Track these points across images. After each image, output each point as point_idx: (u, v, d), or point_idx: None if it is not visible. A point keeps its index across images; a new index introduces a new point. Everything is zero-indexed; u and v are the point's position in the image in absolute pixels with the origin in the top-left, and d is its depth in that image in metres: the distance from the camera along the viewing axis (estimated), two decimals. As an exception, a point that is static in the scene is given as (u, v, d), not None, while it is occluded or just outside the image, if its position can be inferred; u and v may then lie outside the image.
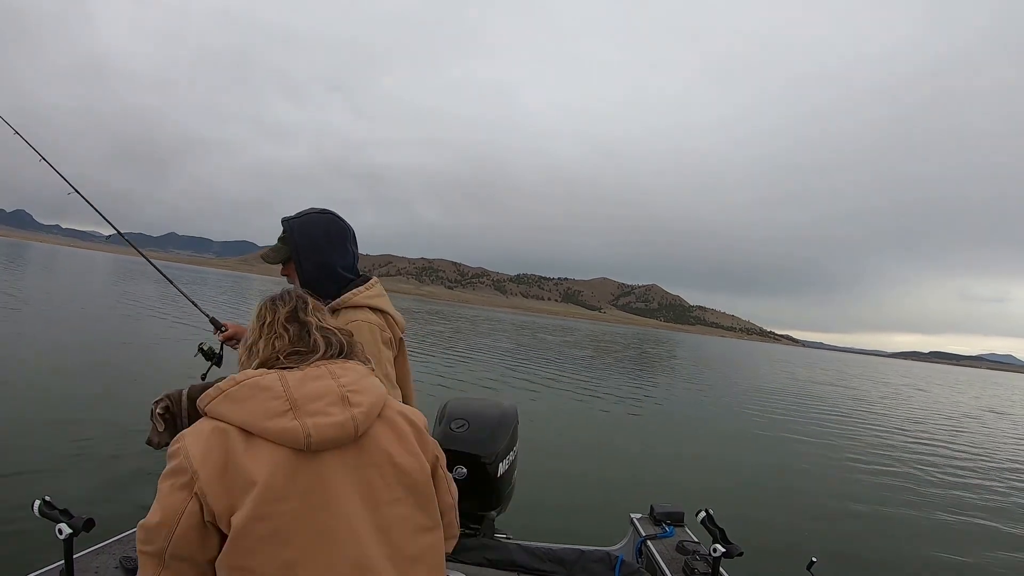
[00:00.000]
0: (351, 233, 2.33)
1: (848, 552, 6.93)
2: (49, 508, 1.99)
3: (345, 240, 2.30)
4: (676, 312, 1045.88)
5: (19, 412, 7.52)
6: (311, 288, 2.17)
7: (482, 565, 3.12)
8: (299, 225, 2.24)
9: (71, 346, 12.97)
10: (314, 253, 2.22)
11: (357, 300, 2.19)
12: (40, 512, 1.98)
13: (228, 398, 1.32)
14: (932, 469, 12.54)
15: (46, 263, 62.59)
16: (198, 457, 1.24)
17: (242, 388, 1.34)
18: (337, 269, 2.25)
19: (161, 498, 1.25)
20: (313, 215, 2.27)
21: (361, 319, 2.15)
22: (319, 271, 2.22)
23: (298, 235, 2.22)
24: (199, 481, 1.22)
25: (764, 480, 9.96)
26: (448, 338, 33.28)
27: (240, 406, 1.31)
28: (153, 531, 1.24)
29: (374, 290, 2.26)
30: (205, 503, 1.22)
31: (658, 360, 42.79)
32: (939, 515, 9.04)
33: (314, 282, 2.19)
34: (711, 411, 18.04)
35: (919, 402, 32.06)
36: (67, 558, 2.08)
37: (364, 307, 2.19)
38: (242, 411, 1.30)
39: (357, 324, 2.12)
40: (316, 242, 2.22)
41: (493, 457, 3.20)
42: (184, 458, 1.25)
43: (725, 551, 2.66)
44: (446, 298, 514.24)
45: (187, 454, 1.25)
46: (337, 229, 2.28)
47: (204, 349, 2.81)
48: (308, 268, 2.22)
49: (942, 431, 19.48)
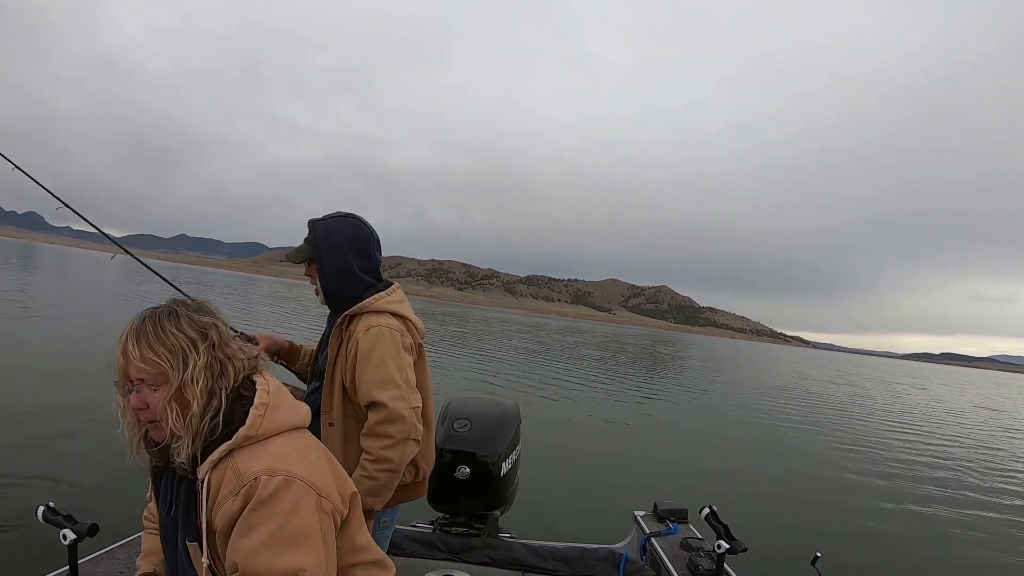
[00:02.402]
0: (375, 239, 2.32)
1: (852, 547, 6.95)
2: (53, 514, 1.98)
3: (368, 245, 2.29)
4: (686, 313, 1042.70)
5: (22, 416, 7.47)
6: (331, 290, 2.23)
7: (486, 564, 3.14)
8: (323, 228, 2.25)
9: (75, 348, 12.99)
10: (336, 256, 2.22)
11: (378, 305, 2.18)
12: (44, 518, 1.97)
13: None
14: (934, 467, 12.54)
15: (56, 264, 63.05)
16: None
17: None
18: (358, 273, 2.25)
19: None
20: (338, 219, 2.28)
21: (382, 324, 2.14)
22: (339, 274, 2.22)
23: (321, 238, 2.23)
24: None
25: (768, 476, 9.98)
26: (471, 339, 33.72)
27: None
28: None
29: (395, 295, 2.26)
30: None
31: (668, 361, 42.76)
32: (941, 510, 9.06)
33: (334, 285, 2.23)
34: (714, 409, 18.05)
35: (922, 402, 31.99)
36: (72, 564, 2.08)
37: (384, 312, 2.18)
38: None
39: (378, 329, 2.12)
40: (338, 245, 2.22)
41: (496, 456, 3.21)
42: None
43: (729, 547, 2.67)
44: (456, 299, 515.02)
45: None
46: (360, 234, 2.28)
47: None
48: (329, 271, 2.22)
49: (944, 430, 19.54)
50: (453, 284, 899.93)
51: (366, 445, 2.07)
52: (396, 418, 2.04)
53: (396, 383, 2.07)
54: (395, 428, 2.04)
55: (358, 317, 2.17)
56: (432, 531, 3.31)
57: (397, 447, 2.05)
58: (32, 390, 9.02)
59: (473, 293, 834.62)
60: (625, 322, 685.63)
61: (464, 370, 18.62)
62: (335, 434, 2.16)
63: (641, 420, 14.32)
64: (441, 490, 3.23)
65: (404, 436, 2.05)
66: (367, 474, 2.05)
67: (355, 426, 2.16)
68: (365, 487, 2.03)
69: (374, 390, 2.05)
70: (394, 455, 2.05)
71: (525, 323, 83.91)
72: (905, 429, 18.50)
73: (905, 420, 21.27)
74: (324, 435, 2.14)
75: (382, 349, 2.09)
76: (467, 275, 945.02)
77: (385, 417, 2.04)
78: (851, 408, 23.26)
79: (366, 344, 2.10)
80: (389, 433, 2.04)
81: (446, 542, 3.20)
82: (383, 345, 2.10)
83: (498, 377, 17.96)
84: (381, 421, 2.04)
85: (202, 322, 1.38)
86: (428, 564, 3.08)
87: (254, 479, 1.25)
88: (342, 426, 2.17)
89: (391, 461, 2.05)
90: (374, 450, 2.05)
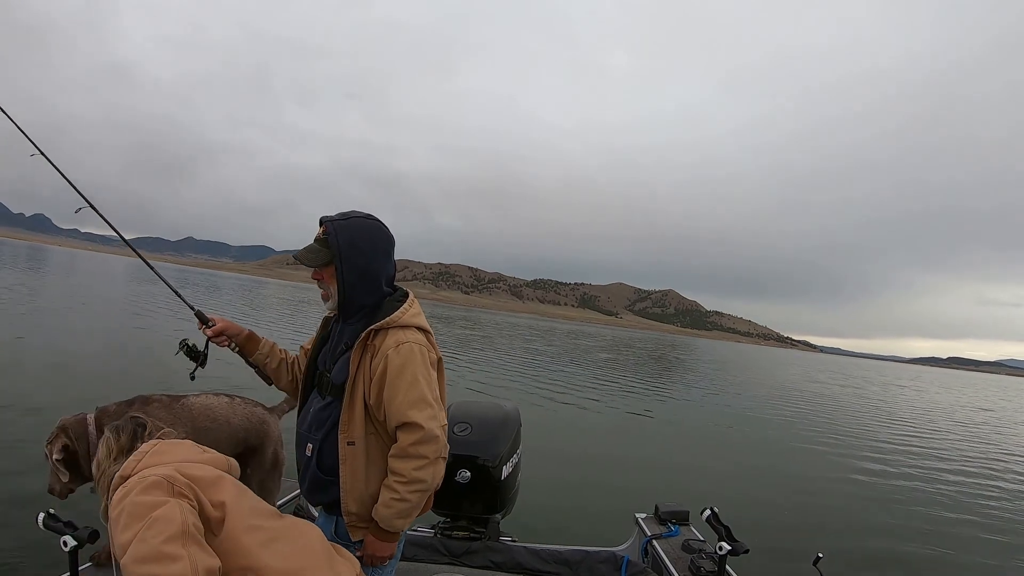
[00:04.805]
0: (394, 243, 2.18)
1: (853, 547, 6.94)
2: (53, 520, 1.99)
3: (392, 251, 2.17)
4: (693, 317, 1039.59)
5: (21, 422, 7.35)
6: (349, 297, 2.08)
7: (487, 568, 3.15)
8: (345, 228, 2.07)
9: (74, 352, 12.94)
10: (359, 259, 2.06)
11: (404, 320, 2.06)
12: (44, 524, 1.98)
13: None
14: (935, 467, 12.54)
15: (65, 266, 63.26)
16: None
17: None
18: (380, 280, 2.12)
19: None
20: (360, 218, 2.12)
21: (412, 341, 2.03)
22: (362, 280, 2.08)
23: (343, 238, 2.05)
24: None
25: (769, 477, 9.98)
26: (489, 342, 34.08)
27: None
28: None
29: (416, 307, 2.14)
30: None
31: (675, 364, 42.77)
32: (943, 511, 9.05)
33: (354, 292, 2.09)
34: (716, 411, 18.04)
35: (926, 404, 32.00)
36: (72, 570, 2.11)
37: (411, 327, 2.06)
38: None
39: (408, 346, 2.01)
40: (362, 248, 2.07)
41: (497, 460, 3.22)
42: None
43: (731, 549, 2.67)
44: (462, 303, 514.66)
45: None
46: (384, 237, 2.13)
47: (188, 346, 2.44)
48: (351, 275, 2.06)
49: (946, 432, 19.51)
50: (460, 288, 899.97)
51: (398, 467, 1.97)
52: (431, 439, 1.96)
53: (429, 402, 1.99)
54: (429, 448, 1.96)
55: (384, 332, 2.03)
56: (433, 535, 3.32)
57: (430, 467, 1.97)
58: (30, 394, 8.82)
59: (480, 297, 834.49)
60: (632, 326, 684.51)
61: (495, 372, 19.00)
62: (357, 454, 2.04)
63: (643, 421, 14.34)
64: (442, 494, 3.23)
65: (437, 455, 1.98)
66: (399, 496, 1.97)
67: (376, 444, 2.06)
68: (396, 510, 1.98)
69: (409, 410, 1.95)
70: (427, 475, 1.97)
71: (533, 326, 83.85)
72: (904, 429, 18.59)
73: (904, 421, 21.38)
74: (343, 455, 2.04)
75: (414, 367, 1.99)
76: (474, 279, 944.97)
77: (421, 438, 1.94)
78: (851, 410, 23.28)
79: (397, 362, 1.98)
80: (423, 454, 1.95)
81: (447, 546, 3.21)
82: (415, 363, 2.00)
83: (527, 378, 18.46)
84: (417, 442, 1.95)
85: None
86: (429, 568, 3.09)
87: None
88: (364, 445, 2.04)
89: (424, 482, 1.97)
90: (407, 471, 1.95)
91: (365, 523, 2.07)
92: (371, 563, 2.11)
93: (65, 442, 2.57)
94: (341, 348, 2.15)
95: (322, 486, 2.10)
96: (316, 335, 2.31)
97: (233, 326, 2.37)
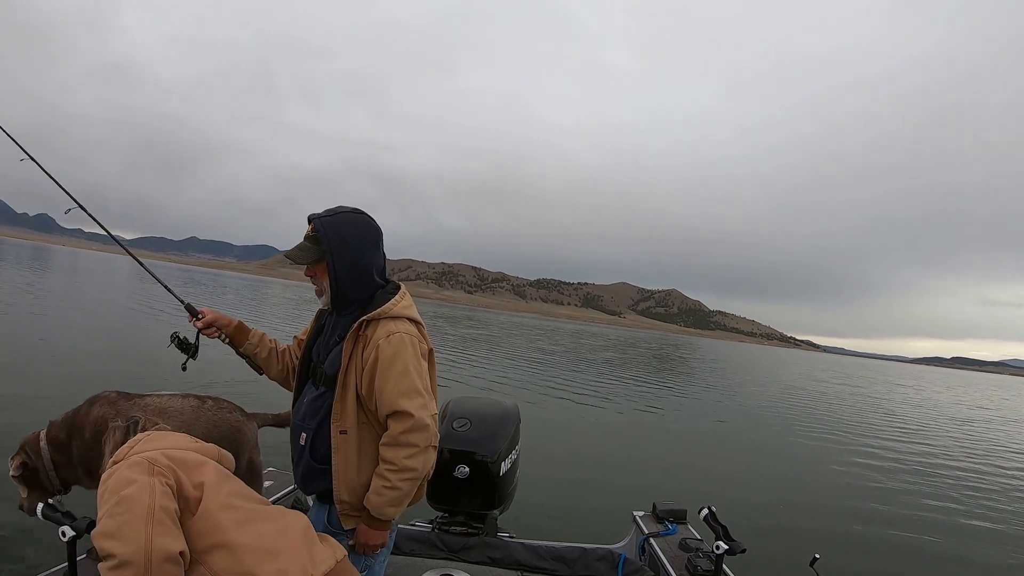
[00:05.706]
0: (382, 235, 2.22)
1: (850, 548, 6.94)
2: (52, 510, 1.99)
3: (381, 243, 2.21)
4: (696, 317, 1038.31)
5: (21, 412, 7.41)
6: (342, 291, 2.13)
7: (485, 564, 3.16)
8: (332, 224, 2.11)
9: (75, 346, 13.10)
10: (349, 254, 2.10)
11: (396, 311, 2.09)
12: (43, 514, 1.98)
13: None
14: (934, 468, 12.53)
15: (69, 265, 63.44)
16: None
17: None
18: (371, 273, 2.16)
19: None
20: (347, 214, 2.15)
21: (403, 331, 2.07)
22: (353, 274, 2.12)
23: (331, 234, 2.09)
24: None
25: (767, 477, 9.98)
26: (495, 341, 34.19)
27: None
28: None
29: (407, 299, 2.18)
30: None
31: (677, 363, 42.75)
32: (940, 511, 9.04)
33: (347, 286, 2.13)
34: (716, 410, 18.07)
35: (928, 404, 31.93)
36: (70, 560, 2.11)
37: (402, 318, 2.10)
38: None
39: (399, 336, 2.05)
40: (350, 243, 2.11)
41: (495, 456, 3.23)
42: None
43: (728, 548, 2.67)
44: (466, 302, 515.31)
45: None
46: (371, 230, 2.17)
47: (179, 339, 2.48)
48: (342, 270, 2.11)
49: (944, 433, 19.51)
50: (463, 287, 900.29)
51: (389, 455, 2.01)
52: (421, 427, 1.99)
53: (419, 391, 2.02)
54: (420, 437, 1.99)
55: (375, 323, 2.08)
56: (431, 530, 3.32)
57: (421, 455, 2.01)
58: (30, 385, 9.01)
59: (483, 296, 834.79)
60: (635, 326, 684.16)
61: (502, 371, 19.08)
62: (349, 443, 2.07)
63: (643, 420, 14.36)
64: (440, 489, 3.25)
65: (427, 444, 2.01)
66: (390, 485, 2.00)
67: (368, 433, 2.09)
68: (387, 498, 2.01)
69: (399, 399, 1.99)
70: (418, 464, 2.01)
71: (538, 326, 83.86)
72: (903, 431, 18.56)
73: (904, 422, 21.36)
74: (335, 444, 2.07)
75: (405, 357, 2.03)
76: (477, 278, 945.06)
77: (411, 426, 1.98)
78: (851, 410, 23.26)
79: (388, 351, 2.02)
80: (414, 442, 1.99)
81: (445, 541, 3.22)
82: (406, 353, 2.04)
83: (533, 376, 18.61)
84: (407, 430, 1.98)
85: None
86: (426, 563, 3.09)
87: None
88: (356, 434, 2.08)
89: (415, 470, 2.01)
90: (398, 460, 1.99)
91: (357, 512, 2.10)
92: (363, 551, 2.14)
93: (23, 459, 2.61)
94: (334, 339, 2.18)
95: (315, 475, 2.13)
96: (311, 327, 2.35)
97: (222, 317, 2.41)
